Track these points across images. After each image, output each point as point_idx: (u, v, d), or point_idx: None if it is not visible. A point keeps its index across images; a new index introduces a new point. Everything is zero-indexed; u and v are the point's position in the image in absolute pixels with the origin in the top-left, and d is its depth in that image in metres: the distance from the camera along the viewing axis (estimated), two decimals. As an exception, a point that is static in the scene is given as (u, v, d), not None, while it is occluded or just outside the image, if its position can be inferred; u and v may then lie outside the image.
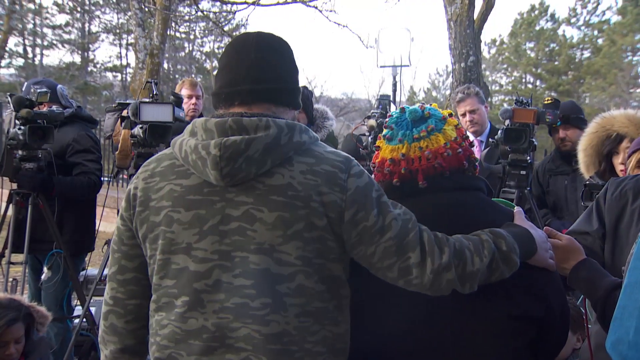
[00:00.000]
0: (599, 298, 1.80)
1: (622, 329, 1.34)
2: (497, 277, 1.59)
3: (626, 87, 23.83)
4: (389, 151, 1.75)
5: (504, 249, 1.58)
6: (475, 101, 4.47)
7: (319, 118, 4.13)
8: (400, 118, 1.78)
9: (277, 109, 1.64)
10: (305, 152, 1.58)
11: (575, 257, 1.92)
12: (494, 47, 29.82)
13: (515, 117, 3.55)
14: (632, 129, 2.86)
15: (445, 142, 1.73)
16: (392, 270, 1.55)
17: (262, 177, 1.54)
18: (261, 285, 1.51)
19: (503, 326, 1.64)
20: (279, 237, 1.51)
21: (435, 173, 1.71)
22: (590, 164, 3.04)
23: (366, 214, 1.54)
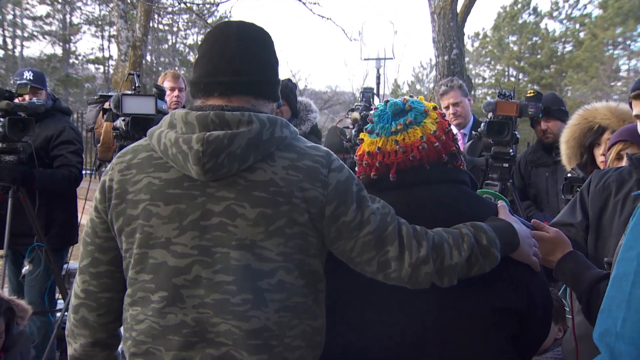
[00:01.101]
0: (584, 290, 1.81)
1: (609, 320, 1.34)
2: (476, 272, 1.58)
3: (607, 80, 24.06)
4: (367, 144, 1.74)
5: (484, 243, 1.57)
6: (459, 94, 4.48)
7: (303, 111, 4.11)
8: (383, 111, 1.76)
9: (256, 102, 1.62)
10: (287, 148, 1.57)
11: (561, 249, 1.92)
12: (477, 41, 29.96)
13: (498, 109, 3.55)
14: (614, 120, 2.88)
15: (422, 135, 1.71)
16: (371, 265, 1.55)
17: (245, 172, 1.52)
18: (242, 281, 1.49)
19: (486, 319, 1.63)
20: (260, 233, 1.50)
21: (412, 166, 1.69)
22: (573, 155, 3.06)
23: (346, 209, 1.53)
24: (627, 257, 1.36)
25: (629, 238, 1.38)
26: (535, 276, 1.73)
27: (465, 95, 4.55)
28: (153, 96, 3.55)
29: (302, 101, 4.18)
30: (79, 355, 1.70)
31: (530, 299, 1.69)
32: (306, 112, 4.12)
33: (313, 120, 4.14)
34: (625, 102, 2.55)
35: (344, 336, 1.65)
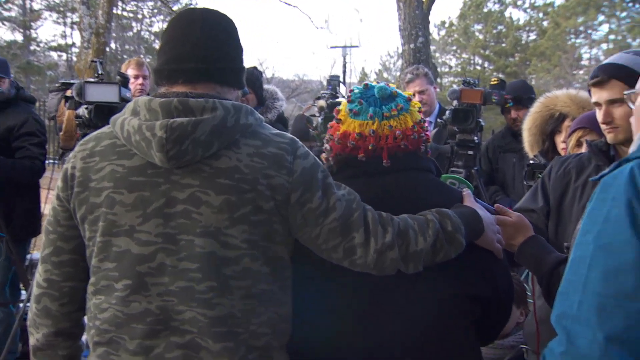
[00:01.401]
0: (545, 273, 1.85)
1: (566, 302, 1.37)
2: (442, 258, 1.60)
3: (570, 68, 24.46)
4: (357, 125, 1.71)
5: (449, 229, 1.59)
6: (424, 82, 4.51)
7: (269, 99, 4.10)
8: (366, 94, 1.76)
9: (221, 89, 1.61)
10: (251, 135, 1.56)
11: (523, 233, 1.96)
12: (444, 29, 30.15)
13: (463, 97, 3.59)
14: (574, 108, 2.93)
15: (413, 123, 1.73)
16: (337, 251, 1.55)
17: (209, 159, 1.51)
18: (207, 269, 1.49)
19: (451, 306, 1.66)
20: (225, 220, 1.50)
21: (395, 153, 1.70)
22: (535, 143, 3.11)
23: (311, 196, 1.54)
24: (583, 241, 1.39)
25: (586, 222, 1.42)
26: (499, 262, 1.76)
27: (430, 83, 4.58)
28: (117, 84, 3.49)
29: (268, 89, 4.17)
30: (41, 346, 1.68)
31: (494, 285, 1.72)
32: (272, 100, 4.11)
33: (279, 108, 4.13)
34: (585, 90, 2.60)
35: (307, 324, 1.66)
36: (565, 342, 1.34)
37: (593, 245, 1.36)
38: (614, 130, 2.05)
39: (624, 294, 1.29)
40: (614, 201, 1.36)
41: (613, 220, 1.34)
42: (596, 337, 1.29)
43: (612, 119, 2.05)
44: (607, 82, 2.04)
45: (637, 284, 1.29)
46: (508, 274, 1.81)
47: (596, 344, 1.29)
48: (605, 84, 2.04)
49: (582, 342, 1.31)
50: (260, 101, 4.05)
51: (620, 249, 1.32)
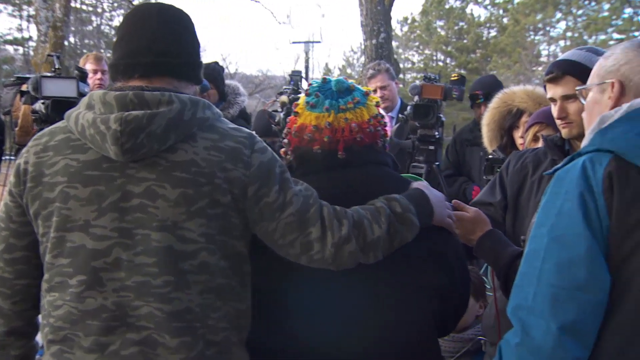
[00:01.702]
0: (502, 267, 1.88)
1: (521, 294, 1.40)
2: (399, 241, 1.62)
3: (529, 65, 24.90)
4: (313, 118, 1.72)
5: (399, 210, 1.61)
6: (386, 77, 4.53)
7: (231, 94, 4.07)
8: (324, 87, 1.77)
9: (179, 84, 1.60)
10: (209, 128, 1.56)
11: (481, 228, 1.99)
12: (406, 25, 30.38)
13: (424, 93, 3.61)
14: (531, 104, 2.98)
15: (369, 117, 1.74)
16: (294, 247, 1.56)
17: (165, 153, 1.50)
18: (163, 263, 1.48)
19: (409, 298, 1.68)
20: (182, 214, 1.49)
21: (352, 146, 1.71)
22: (493, 138, 3.16)
23: (268, 190, 1.54)
24: (537, 234, 1.43)
25: (540, 216, 1.45)
26: (456, 252, 1.79)
27: (392, 78, 4.61)
28: (75, 79, 3.43)
29: (230, 84, 4.14)
30: None
31: (451, 275, 1.74)
32: (234, 95, 4.09)
33: (241, 104, 4.11)
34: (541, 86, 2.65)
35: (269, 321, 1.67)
36: (521, 333, 1.37)
37: (547, 238, 1.39)
38: (569, 125, 2.09)
39: (577, 285, 1.33)
40: (566, 194, 1.39)
41: (566, 213, 1.38)
42: (550, 327, 1.33)
43: (567, 114, 2.09)
44: (562, 78, 2.08)
45: (588, 276, 1.33)
46: (464, 265, 1.84)
47: (550, 335, 1.32)
48: (559, 80, 2.08)
49: (537, 332, 1.34)
50: (222, 96, 4.01)
51: (572, 241, 1.35)
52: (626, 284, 1.33)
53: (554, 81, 2.10)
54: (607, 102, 1.53)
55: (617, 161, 1.38)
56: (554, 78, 2.10)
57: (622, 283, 1.33)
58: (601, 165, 1.38)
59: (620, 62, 1.53)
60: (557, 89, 2.10)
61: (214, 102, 3.92)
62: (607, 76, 1.54)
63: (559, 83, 2.09)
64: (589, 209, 1.36)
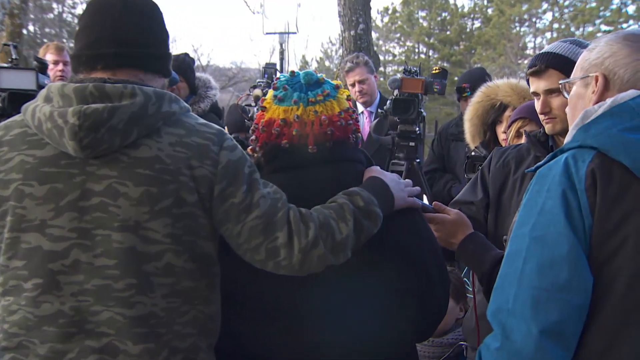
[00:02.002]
0: (485, 272, 1.90)
1: (502, 297, 1.42)
2: (365, 236, 1.63)
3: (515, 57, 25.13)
4: (281, 112, 1.73)
5: (361, 204, 1.62)
6: (365, 71, 4.54)
7: (202, 87, 4.06)
8: (292, 80, 1.78)
9: (145, 76, 1.60)
10: (175, 123, 1.55)
11: (463, 231, 2.01)
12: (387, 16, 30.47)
13: (404, 87, 3.62)
14: (515, 98, 3.00)
15: (340, 110, 1.75)
16: (259, 252, 1.56)
17: (127, 149, 1.49)
18: (125, 265, 1.48)
19: (384, 301, 1.69)
20: (145, 214, 1.48)
21: (323, 141, 1.72)
22: (476, 133, 3.18)
23: (235, 190, 1.54)
24: (519, 233, 1.44)
25: (522, 214, 1.46)
26: (433, 252, 1.80)
27: (371, 72, 4.62)
28: (34, 70, 3.38)
29: (201, 77, 4.14)
30: None
31: (428, 277, 1.75)
32: (205, 89, 4.08)
33: (213, 98, 4.10)
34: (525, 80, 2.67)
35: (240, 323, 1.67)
36: (501, 337, 1.38)
37: (528, 237, 1.40)
38: (552, 121, 2.11)
39: (558, 286, 1.35)
40: (548, 192, 1.41)
41: (547, 211, 1.39)
42: (531, 330, 1.34)
43: (550, 109, 2.11)
44: (545, 71, 2.09)
45: (570, 277, 1.35)
46: (443, 266, 1.85)
47: (531, 338, 1.34)
48: (542, 74, 2.10)
49: (517, 336, 1.35)
50: (192, 90, 4.01)
51: (554, 241, 1.37)
52: (608, 285, 1.35)
53: (537, 75, 2.12)
54: (591, 96, 1.54)
55: (600, 158, 1.39)
56: (536, 71, 2.12)
57: (605, 284, 1.35)
58: (584, 162, 1.40)
59: (604, 55, 1.54)
60: (540, 83, 2.12)
61: (184, 96, 3.91)
62: (591, 69, 1.56)
63: (542, 77, 2.11)
64: (572, 208, 1.38)
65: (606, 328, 1.35)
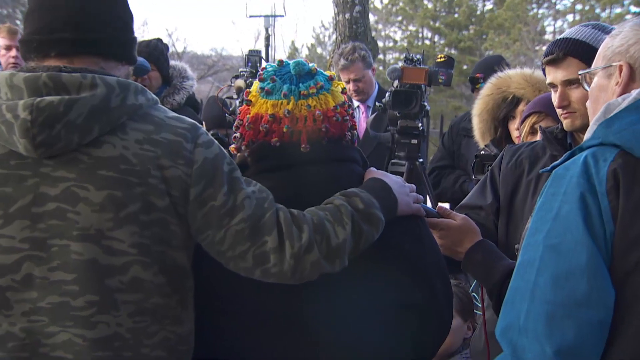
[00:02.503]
0: (495, 284, 1.91)
1: (512, 313, 1.42)
2: (365, 242, 1.64)
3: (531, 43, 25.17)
4: (269, 106, 1.74)
5: (361, 206, 1.63)
6: (361, 67, 4.55)
7: (177, 77, 4.07)
8: (280, 70, 1.78)
9: (106, 64, 1.60)
10: (142, 118, 1.55)
11: (470, 238, 2.02)
12: (387, -4, 30.48)
13: (405, 77, 3.63)
14: (529, 90, 3.01)
15: (335, 104, 1.76)
16: (245, 259, 1.56)
17: (88, 147, 1.49)
18: (86, 280, 1.47)
19: (381, 318, 1.70)
20: (108, 221, 1.48)
21: (317, 138, 1.73)
22: (486, 130, 3.20)
23: (214, 192, 1.54)
24: (532, 241, 1.45)
25: (535, 220, 1.47)
26: (437, 264, 1.82)
27: (368, 67, 4.63)
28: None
29: (175, 66, 4.15)
30: None
31: (430, 289, 1.77)
32: (181, 79, 4.09)
33: (189, 89, 4.11)
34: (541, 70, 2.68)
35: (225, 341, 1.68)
36: (511, 358, 1.39)
37: (542, 245, 1.41)
38: (571, 116, 2.12)
39: (576, 301, 1.35)
40: (565, 195, 1.42)
41: (564, 217, 1.40)
42: (545, 351, 1.34)
43: (569, 102, 2.12)
44: (563, 60, 2.11)
45: (589, 290, 1.35)
46: (447, 278, 1.86)
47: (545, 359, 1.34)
48: (560, 63, 2.11)
49: (530, 356, 1.36)
50: (166, 80, 4.02)
51: (571, 249, 1.37)
52: (633, 299, 1.35)
53: (554, 64, 2.13)
54: (614, 88, 1.55)
55: (623, 157, 1.40)
56: (554, 60, 2.13)
57: (628, 298, 1.35)
58: (605, 162, 1.41)
59: (629, 42, 1.55)
60: (558, 73, 2.13)
61: (156, 87, 3.92)
62: (614, 58, 1.57)
63: (560, 66, 2.12)
64: (591, 213, 1.38)
65: (630, 349, 1.35)
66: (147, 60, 3.80)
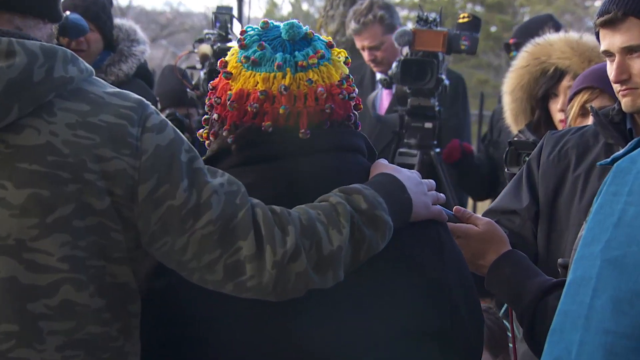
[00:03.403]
0: (527, 306, 1.91)
1: (562, 344, 1.42)
2: (366, 252, 1.63)
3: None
4: (259, 80, 1.73)
5: (364, 207, 1.62)
6: (378, 32, 4.53)
7: (124, 41, 4.07)
8: (268, 35, 1.78)
9: (23, 22, 1.60)
10: (74, 95, 1.55)
11: (495, 248, 2.01)
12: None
13: (417, 43, 3.64)
14: (576, 60, 3.01)
15: (341, 79, 1.77)
16: (214, 271, 1.56)
17: (4, 133, 1.49)
18: (2, 305, 1.48)
19: (395, 349, 1.70)
20: (32, 228, 1.48)
21: (319, 122, 1.73)
22: (520, 111, 3.20)
23: (172, 188, 1.54)
24: (587, 254, 1.44)
25: (591, 226, 1.47)
26: (463, 282, 1.82)
27: (389, 30, 4.56)
28: None
29: (122, 26, 4.15)
30: None
31: (455, 313, 1.77)
32: (129, 42, 4.09)
33: (140, 56, 4.11)
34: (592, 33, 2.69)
35: None
36: (559, 404, 1.39)
37: (600, 260, 1.41)
38: (632, 93, 2.12)
39: (643, 331, 1.35)
40: (630, 196, 1.41)
41: (628, 223, 1.40)
42: (602, 394, 1.35)
43: (629, 75, 2.12)
44: (623, 21, 2.10)
45: (659, 318, 1.35)
46: (474, 298, 1.87)
47: (602, 405, 1.35)
48: (619, 24, 2.11)
49: (583, 403, 1.36)
50: (109, 45, 4.02)
51: (637, 265, 1.37)
52: None
53: (611, 25, 2.13)
54: None
55: None
56: (610, 21, 2.12)
57: None
58: (681, 153, 1.41)
59: None
60: (616, 38, 2.13)
61: (96, 53, 3.91)
62: None
63: (619, 28, 2.11)
64: (663, 218, 1.39)
65: None
66: (84, 17, 3.77)
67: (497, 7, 25.39)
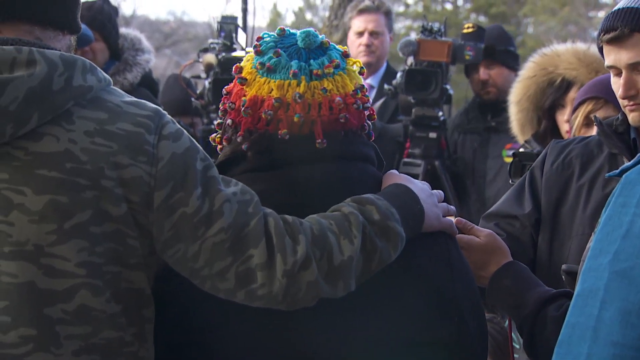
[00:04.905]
0: (527, 317, 1.91)
1: (569, 356, 1.41)
2: (378, 263, 1.63)
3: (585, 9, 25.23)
4: (274, 87, 1.74)
5: (376, 217, 1.62)
6: (382, 22, 4.54)
7: (129, 50, 4.09)
8: (283, 42, 1.79)
9: (43, 33, 1.61)
10: (92, 104, 1.56)
11: (496, 260, 2.02)
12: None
13: (422, 52, 3.64)
14: (583, 71, 3.02)
15: (355, 88, 1.77)
16: (225, 279, 1.57)
17: (24, 140, 1.50)
18: (20, 309, 1.49)
19: (398, 355, 1.70)
20: (50, 234, 1.49)
21: (333, 131, 1.74)
22: (527, 122, 3.19)
23: (186, 196, 1.55)
24: (595, 266, 1.44)
25: (600, 238, 1.47)
26: (469, 293, 1.82)
27: (389, 27, 4.63)
28: None
29: (127, 35, 4.17)
30: None
31: (461, 324, 1.77)
32: (134, 52, 4.11)
33: (145, 65, 4.13)
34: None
35: None
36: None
37: (608, 271, 1.41)
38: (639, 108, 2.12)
39: (652, 343, 1.35)
40: (639, 207, 1.41)
41: (637, 234, 1.40)
42: (611, 410, 1.34)
43: (637, 91, 2.10)
44: (629, 37, 2.08)
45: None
46: (480, 310, 1.87)
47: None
48: (626, 40, 2.09)
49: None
50: (114, 54, 4.03)
51: (647, 278, 1.37)
52: None
53: (618, 42, 2.11)
54: None
55: None
56: (616, 38, 2.12)
57: None
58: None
59: None
60: (622, 54, 2.11)
61: (102, 62, 3.92)
62: None
63: (625, 44, 2.10)
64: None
65: None
66: (90, 27, 3.79)
67: (501, 17, 25.42)
